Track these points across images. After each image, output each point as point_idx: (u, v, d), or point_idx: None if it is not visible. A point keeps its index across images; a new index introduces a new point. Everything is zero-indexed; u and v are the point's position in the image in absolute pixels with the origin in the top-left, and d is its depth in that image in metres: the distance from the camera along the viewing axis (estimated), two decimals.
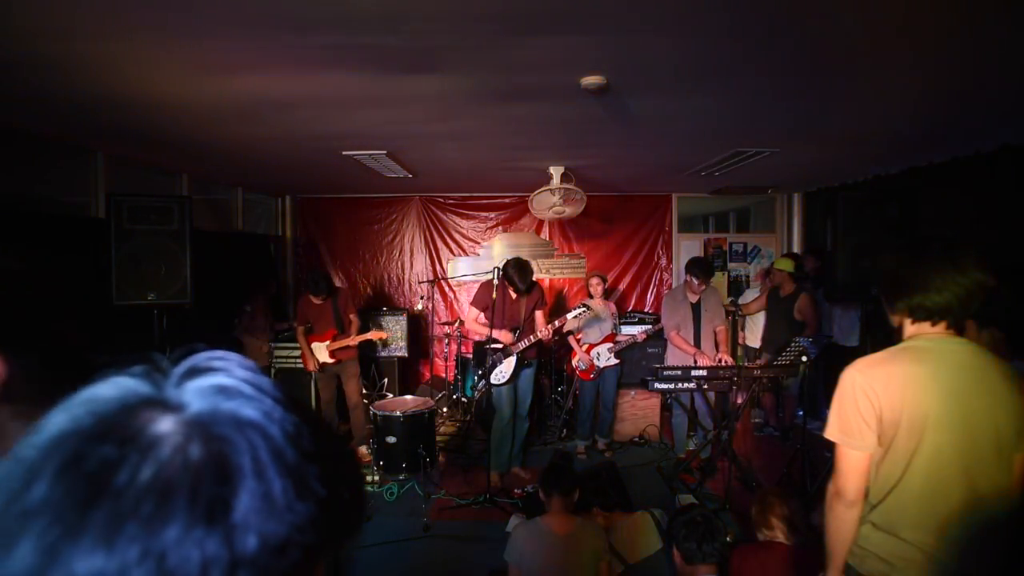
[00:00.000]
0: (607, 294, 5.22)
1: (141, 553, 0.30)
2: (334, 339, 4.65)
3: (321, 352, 4.66)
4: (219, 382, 0.37)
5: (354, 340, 4.64)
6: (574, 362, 4.99)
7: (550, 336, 4.38)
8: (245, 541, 0.32)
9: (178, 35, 1.99)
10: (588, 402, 4.95)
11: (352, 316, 4.74)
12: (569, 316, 4.45)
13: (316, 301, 4.60)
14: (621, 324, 5.48)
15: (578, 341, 4.96)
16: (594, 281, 4.98)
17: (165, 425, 0.34)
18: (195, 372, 0.38)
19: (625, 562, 2.67)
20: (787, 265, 5.00)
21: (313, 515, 0.35)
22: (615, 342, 4.92)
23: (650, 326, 5.24)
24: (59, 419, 0.34)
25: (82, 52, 2.13)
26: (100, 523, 0.30)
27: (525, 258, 4.28)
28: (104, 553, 0.30)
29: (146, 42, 2.05)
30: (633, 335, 5.04)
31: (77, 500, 0.31)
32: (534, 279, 4.37)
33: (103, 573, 0.29)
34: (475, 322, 4.33)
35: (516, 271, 4.13)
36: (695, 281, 4.55)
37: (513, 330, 4.30)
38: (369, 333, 4.65)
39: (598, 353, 4.91)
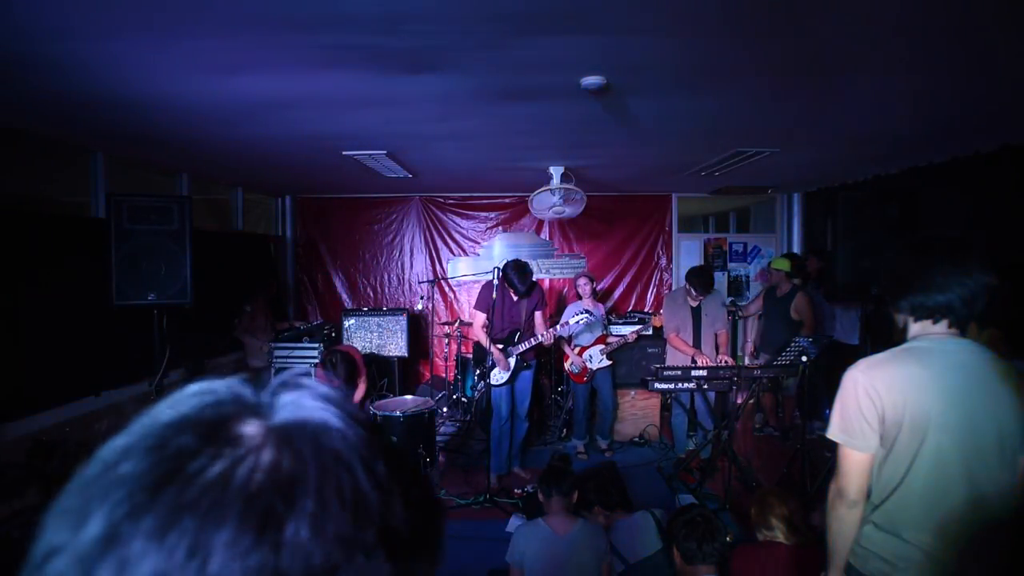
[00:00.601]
0: (596, 295, 5.22)
1: (189, 550, 0.30)
2: None
3: None
4: (309, 399, 0.38)
5: None
6: (567, 365, 4.99)
7: (551, 341, 4.37)
8: (291, 561, 0.31)
9: (178, 35, 1.99)
10: (582, 404, 4.95)
11: (360, 381, 4.46)
12: (571, 321, 4.44)
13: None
14: (622, 324, 5.48)
15: (570, 344, 4.96)
16: (581, 281, 4.99)
17: (249, 428, 0.35)
18: (289, 386, 0.39)
19: (626, 562, 2.67)
20: (783, 265, 5.00)
21: (369, 547, 0.34)
22: (606, 343, 4.93)
23: (641, 326, 5.24)
24: (164, 406, 0.37)
25: (82, 52, 2.13)
26: (162, 508, 0.31)
27: (525, 259, 4.28)
28: (157, 543, 0.30)
29: (146, 42, 2.05)
30: (624, 336, 5.04)
31: (150, 481, 0.32)
32: (534, 280, 4.37)
33: (152, 566, 0.30)
34: (481, 329, 4.26)
35: (515, 272, 4.13)
36: (693, 292, 4.55)
37: (514, 331, 4.30)
38: None
39: (590, 355, 4.91)
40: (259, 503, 0.31)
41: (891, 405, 1.45)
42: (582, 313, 4.43)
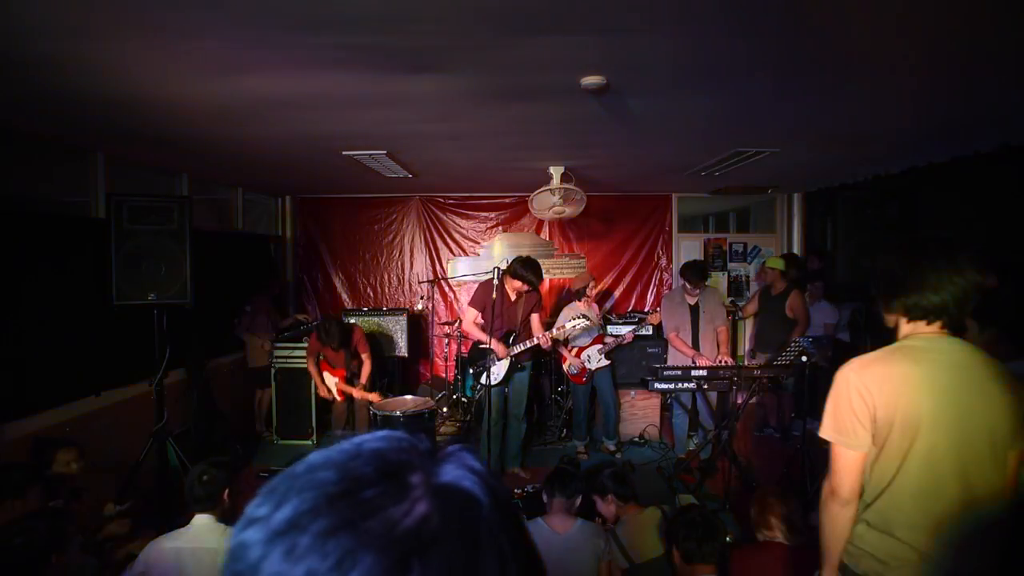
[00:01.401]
0: (594, 297, 5.21)
1: (337, 562, 0.34)
2: (344, 380, 4.67)
3: (330, 382, 4.71)
4: (469, 472, 0.43)
5: (359, 394, 4.56)
6: (565, 367, 5.00)
7: (549, 345, 4.36)
8: None
9: (179, 35, 1.99)
10: (582, 405, 4.96)
11: (364, 356, 4.67)
12: (567, 325, 4.43)
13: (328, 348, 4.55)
14: (621, 324, 5.48)
15: (567, 346, 4.96)
16: (590, 283, 5.01)
17: (416, 478, 0.40)
18: (456, 454, 0.44)
19: (631, 560, 2.66)
20: (778, 264, 5.00)
21: None
22: (603, 343, 4.93)
23: (636, 325, 5.24)
24: (374, 436, 0.44)
25: (82, 52, 2.13)
26: (334, 516, 0.36)
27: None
28: (319, 545, 0.35)
29: (148, 42, 2.05)
30: (621, 335, 5.04)
31: (333, 491, 0.38)
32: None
33: (309, 564, 0.34)
34: (473, 324, 4.32)
35: (529, 269, 4.14)
36: (689, 285, 4.59)
37: (508, 333, 4.29)
38: (371, 395, 4.49)
39: (588, 356, 4.90)
40: (401, 544, 0.36)
41: (883, 404, 1.46)
42: (579, 318, 4.42)
